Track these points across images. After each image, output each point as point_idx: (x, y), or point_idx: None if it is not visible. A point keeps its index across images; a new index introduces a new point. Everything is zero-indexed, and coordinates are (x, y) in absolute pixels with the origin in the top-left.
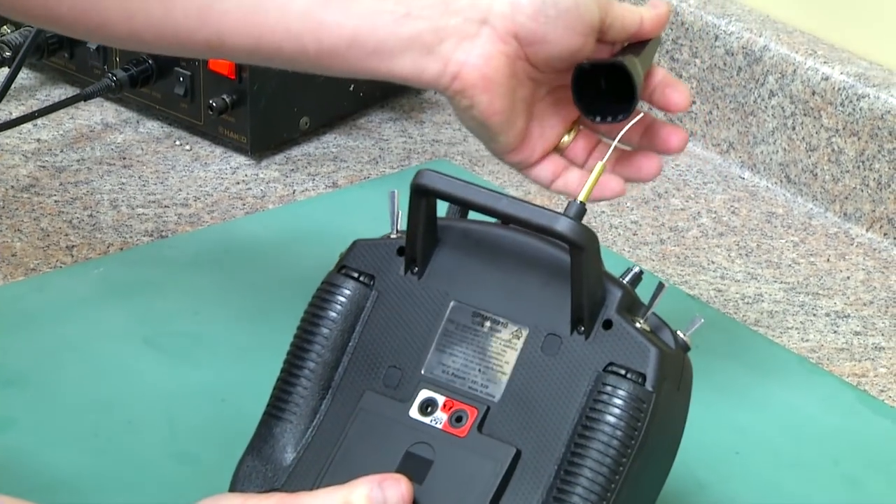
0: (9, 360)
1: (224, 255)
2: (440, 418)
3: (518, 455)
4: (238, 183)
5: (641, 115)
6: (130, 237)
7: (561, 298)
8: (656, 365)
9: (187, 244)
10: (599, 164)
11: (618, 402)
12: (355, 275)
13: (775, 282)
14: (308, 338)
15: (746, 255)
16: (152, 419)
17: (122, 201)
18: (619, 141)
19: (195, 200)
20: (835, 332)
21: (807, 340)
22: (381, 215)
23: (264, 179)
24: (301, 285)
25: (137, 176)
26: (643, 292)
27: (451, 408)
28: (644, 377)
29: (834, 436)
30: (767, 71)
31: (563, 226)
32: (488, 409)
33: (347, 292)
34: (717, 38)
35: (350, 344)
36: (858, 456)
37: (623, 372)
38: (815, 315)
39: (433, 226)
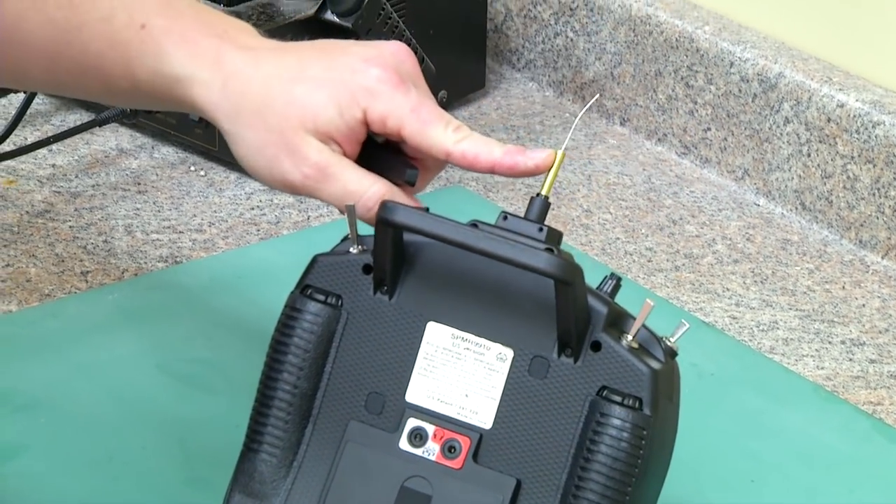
0: (23, 385)
1: (238, 280)
2: (432, 449)
3: (519, 486)
4: (253, 208)
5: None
6: (145, 263)
7: (543, 317)
8: (651, 387)
9: (202, 270)
10: (559, 153)
11: (617, 432)
12: (321, 297)
13: (790, 309)
14: (277, 367)
15: (761, 282)
16: (166, 445)
17: (137, 227)
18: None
19: (210, 226)
20: (850, 359)
21: (822, 368)
22: None
23: (279, 205)
24: None
25: (152, 201)
26: (629, 302)
27: (442, 437)
28: (640, 401)
29: (849, 464)
30: (783, 98)
31: (545, 263)
32: (481, 437)
33: (314, 317)
34: (732, 64)
35: (326, 369)
36: (874, 484)
37: (619, 398)
38: (830, 343)
39: (401, 249)
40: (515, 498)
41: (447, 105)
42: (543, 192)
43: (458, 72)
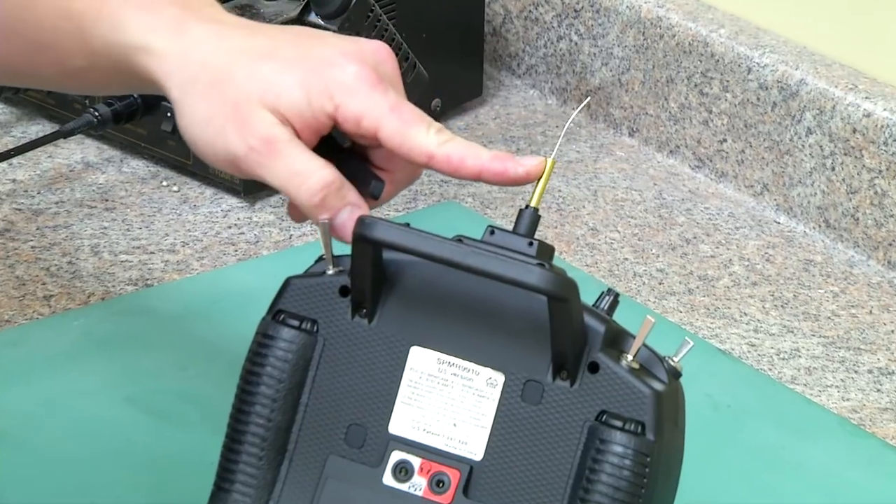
0: None
1: (214, 305)
2: (419, 484)
3: None
4: (230, 227)
5: (578, 112)
6: (113, 286)
7: (535, 338)
8: (654, 410)
9: (175, 294)
10: (549, 161)
11: (618, 460)
12: (295, 322)
13: (813, 335)
14: (248, 399)
15: (782, 306)
16: (136, 484)
17: (104, 247)
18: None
19: (183, 246)
20: (878, 390)
21: (848, 399)
22: None
23: (258, 223)
24: None
25: (121, 219)
26: (629, 321)
27: (429, 471)
28: (642, 425)
29: (877, 503)
30: (804, 107)
31: (537, 278)
32: (471, 469)
33: (288, 344)
34: (749, 70)
35: (301, 400)
36: None
37: (619, 423)
38: (856, 372)
39: (380, 268)
40: None
41: (441, 114)
42: (532, 204)
43: (453, 78)
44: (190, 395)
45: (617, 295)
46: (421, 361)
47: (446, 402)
